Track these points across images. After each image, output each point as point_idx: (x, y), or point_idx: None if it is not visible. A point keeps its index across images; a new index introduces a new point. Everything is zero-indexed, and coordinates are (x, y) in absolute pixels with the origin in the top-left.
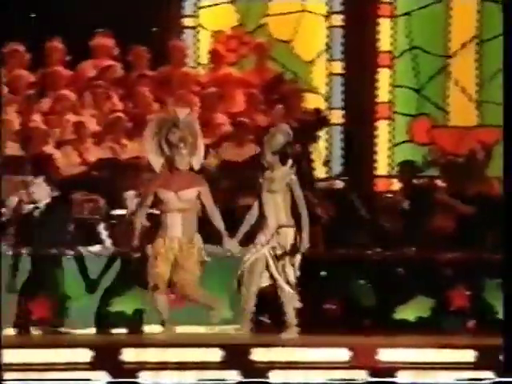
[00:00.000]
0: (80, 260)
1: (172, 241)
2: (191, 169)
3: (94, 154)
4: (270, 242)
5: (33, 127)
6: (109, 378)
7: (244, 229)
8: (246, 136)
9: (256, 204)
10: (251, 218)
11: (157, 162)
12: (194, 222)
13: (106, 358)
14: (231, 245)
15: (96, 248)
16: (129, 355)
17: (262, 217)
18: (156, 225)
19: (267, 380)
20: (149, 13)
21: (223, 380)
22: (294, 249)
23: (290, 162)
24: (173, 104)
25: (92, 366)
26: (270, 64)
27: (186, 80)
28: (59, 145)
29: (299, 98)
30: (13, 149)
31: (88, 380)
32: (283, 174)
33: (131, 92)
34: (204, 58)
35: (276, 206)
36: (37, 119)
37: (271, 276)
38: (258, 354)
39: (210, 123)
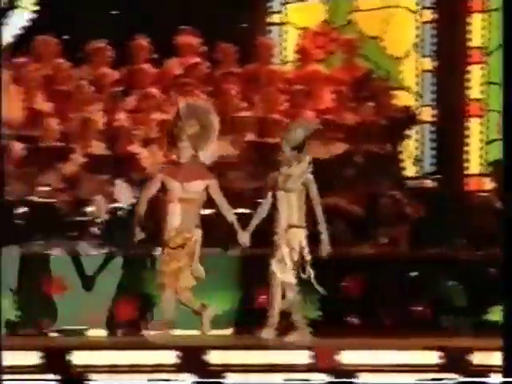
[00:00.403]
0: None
1: (171, 231)
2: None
3: None
4: (278, 240)
5: (118, 126)
6: (194, 380)
7: (255, 222)
8: (333, 134)
9: (269, 198)
10: (263, 211)
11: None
12: (195, 215)
13: (191, 359)
14: (244, 237)
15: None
16: (215, 357)
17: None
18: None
19: (356, 381)
20: (236, 9)
21: (309, 380)
22: (303, 252)
23: (307, 158)
24: (259, 101)
25: (178, 367)
26: (359, 61)
27: (273, 77)
28: (145, 144)
29: (389, 96)
30: (98, 148)
31: (174, 381)
32: (301, 171)
33: (218, 90)
34: (291, 55)
35: (289, 204)
36: (122, 118)
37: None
38: (346, 356)
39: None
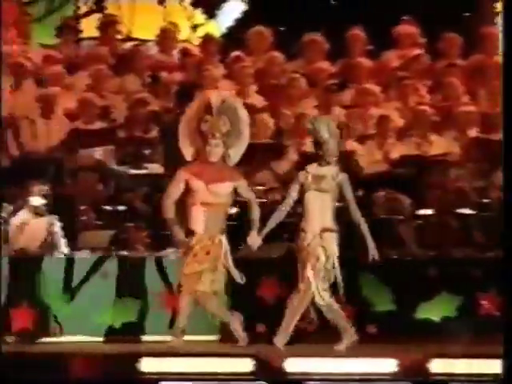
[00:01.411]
0: None
1: (191, 238)
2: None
3: (398, 150)
4: (311, 245)
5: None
6: None
7: (271, 225)
8: None
9: (290, 199)
10: (281, 213)
11: (187, 152)
12: (220, 220)
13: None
14: (255, 240)
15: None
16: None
17: (302, 217)
18: None
19: None
20: None
21: None
22: (334, 259)
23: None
24: (484, 96)
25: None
26: None
27: (500, 69)
28: (361, 140)
29: None
30: (308, 145)
31: None
32: (335, 171)
33: (439, 83)
34: None
35: (323, 206)
36: (337, 113)
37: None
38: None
39: None
